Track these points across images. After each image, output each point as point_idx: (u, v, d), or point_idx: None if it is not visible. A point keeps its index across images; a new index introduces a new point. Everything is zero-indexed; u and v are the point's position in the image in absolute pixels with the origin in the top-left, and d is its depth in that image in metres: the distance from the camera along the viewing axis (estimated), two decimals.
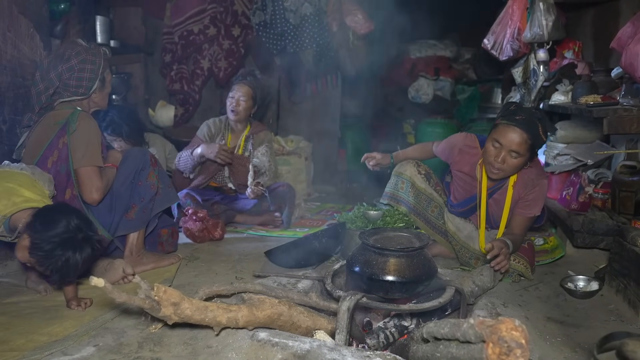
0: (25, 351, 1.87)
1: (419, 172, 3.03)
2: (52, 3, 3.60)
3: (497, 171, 2.65)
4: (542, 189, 2.75)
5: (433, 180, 3.06)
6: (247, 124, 4.08)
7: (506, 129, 2.57)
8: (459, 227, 2.93)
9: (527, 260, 2.73)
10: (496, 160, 2.61)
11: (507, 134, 2.56)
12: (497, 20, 4.04)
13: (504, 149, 2.58)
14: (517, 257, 2.72)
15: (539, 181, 2.75)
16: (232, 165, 3.95)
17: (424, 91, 7.17)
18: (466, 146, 2.91)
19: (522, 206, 2.75)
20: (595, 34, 4.19)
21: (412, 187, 3.02)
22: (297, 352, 1.69)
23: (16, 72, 3.04)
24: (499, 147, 2.60)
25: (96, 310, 2.25)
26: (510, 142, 2.56)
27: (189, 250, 3.25)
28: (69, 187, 2.60)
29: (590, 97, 3.02)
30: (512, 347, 1.30)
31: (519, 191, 2.76)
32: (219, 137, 4.00)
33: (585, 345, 2.02)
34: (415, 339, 1.87)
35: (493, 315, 2.09)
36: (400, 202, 3.06)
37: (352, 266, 2.16)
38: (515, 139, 2.55)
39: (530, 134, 2.55)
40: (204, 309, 1.76)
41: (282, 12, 5.09)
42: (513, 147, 2.56)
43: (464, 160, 2.91)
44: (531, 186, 2.73)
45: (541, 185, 2.76)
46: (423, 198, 3.02)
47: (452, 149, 2.97)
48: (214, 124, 4.05)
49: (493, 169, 2.66)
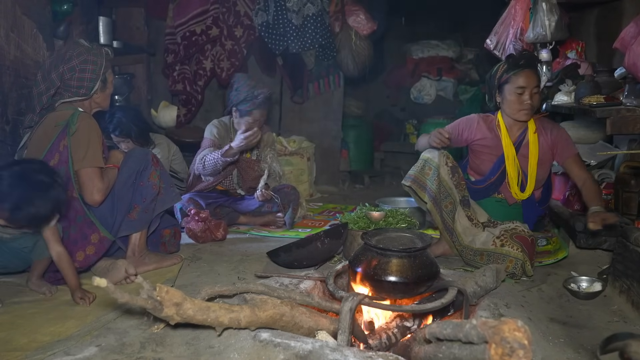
0: (28, 351, 1.87)
1: (446, 163, 2.98)
2: (55, 4, 3.61)
3: (528, 110, 2.93)
4: (563, 130, 3.07)
5: (457, 176, 2.99)
6: None
7: (521, 75, 2.89)
8: (465, 231, 2.92)
9: (527, 254, 2.71)
10: (526, 101, 2.90)
11: (525, 78, 2.89)
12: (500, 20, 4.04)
13: (527, 90, 2.89)
14: (515, 244, 2.72)
15: (555, 124, 3.14)
16: (241, 169, 3.95)
17: (427, 91, 7.17)
18: (483, 115, 3.14)
19: (561, 148, 2.97)
20: (598, 34, 4.18)
21: (437, 176, 2.97)
22: (299, 353, 1.69)
23: (19, 73, 3.05)
24: (521, 92, 2.90)
25: (99, 310, 2.25)
26: (531, 82, 2.90)
27: (192, 250, 3.25)
28: (69, 188, 2.60)
29: (593, 98, 3.01)
30: (514, 348, 1.30)
31: (544, 137, 3.00)
32: (226, 140, 3.94)
33: (588, 346, 2.01)
34: (417, 340, 1.86)
35: (496, 316, 2.09)
36: (423, 188, 3.02)
37: (354, 267, 2.16)
38: (532, 77, 2.91)
39: (535, 69, 2.98)
40: (206, 309, 1.76)
41: (284, 13, 5.09)
42: (533, 83, 2.91)
43: (486, 127, 3.07)
44: (550, 128, 3.03)
45: (559, 127, 3.12)
46: (442, 190, 2.97)
47: (471, 122, 3.13)
48: (220, 125, 3.96)
49: (524, 110, 2.92)
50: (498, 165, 3.02)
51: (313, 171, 5.43)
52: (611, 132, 2.82)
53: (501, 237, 2.78)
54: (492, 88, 3.06)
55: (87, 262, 2.65)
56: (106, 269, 2.67)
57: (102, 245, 2.67)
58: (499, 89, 3.00)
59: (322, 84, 5.70)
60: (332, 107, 5.80)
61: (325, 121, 5.80)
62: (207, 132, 3.94)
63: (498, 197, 3.08)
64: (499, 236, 2.80)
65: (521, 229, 2.83)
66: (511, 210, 3.07)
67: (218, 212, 3.77)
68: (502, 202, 3.08)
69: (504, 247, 2.73)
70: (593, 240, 2.93)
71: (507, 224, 2.89)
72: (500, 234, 2.81)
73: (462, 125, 3.13)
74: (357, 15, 5.36)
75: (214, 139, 3.87)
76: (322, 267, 2.89)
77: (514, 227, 2.85)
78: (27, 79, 3.11)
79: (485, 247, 2.80)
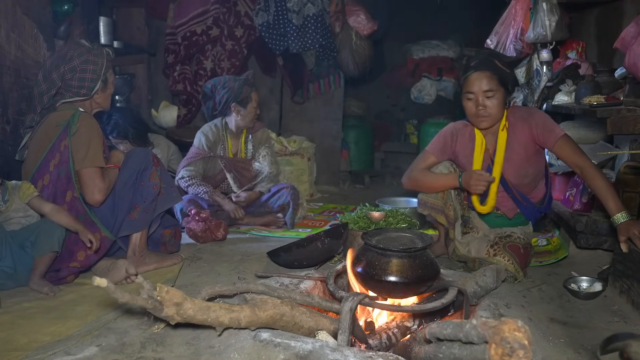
0: (28, 351, 1.87)
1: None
2: (55, 4, 3.61)
3: (483, 118, 2.71)
4: (540, 114, 2.81)
5: (461, 196, 2.95)
6: None
7: (469, 79, 2.69)
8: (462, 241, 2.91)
9: (518, 262, 2.70)
10: (477, 108, 2.69)
11: (472, 82, 2.68)
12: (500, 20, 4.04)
13: (477, 95, 2.68)
14: (507, 255, 2.70)
15: (531, 111, 2.88)
16: (236, 172, 3.97)
17: (427, 91, 7.17)
18: (456, 128, 2.95)
19: (543, 133, 2.71)
20: (598, 34, 4.18)
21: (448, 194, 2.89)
22: (299, 353, 1.69)
23: (20, 73, 3.05)
24: (473, 97, 2.70)
25: (99, 310, 2.25)
26: (479, 85, 2.67)
27: (192, 250, 3.25)
28: (70, 189, 2.60)
29: (593, 98, 3.01)
30: (514, 348, 1.30)
31: (520, 127, 2.76)
32: (219, 145, 3.96)
33: (589, 347, 2.01)
34: (417, 340, 1.86)
35: (496, 316, 2.09)
36: (439, 211, 2.90)
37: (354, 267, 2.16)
38: (481, 80, 2.66)
39: (490, 70, 2.67)
40: (207, 309, 1.76)
41: (285, 13, 5.09)
42: (483, 87, 2.66)
43: (464, 140, 2.91)
44: (525, 116, 2.78)
45: (536, 111, 2.86)
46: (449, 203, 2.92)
47: (445, 137, 2.96)
48: (211, 131, 3.96)
49: (479, 117, 2.72)
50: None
51: (313, 171, 5.44)
52: (612, 132, 2.82)
53: (495, 245, 2.76)
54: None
55: (88, 262, 2.65)
56: (107, 268, 2.67)
57: (102, 245, 2.67)
58: (462, 93, 2.80)
59: (323, 84, 5.70)
60: (333, 107, 5.81)
61: (325, 121, 5.81)
62: (197, 140, 3.96)
63: (497, 213, 2.96)
64: (492, 245, 2.77)
65: (516, 237, 2.79)
66: (513, 222, 2.96)
67: (219, 214, 3.77)
68: (502, 217, 2.97)
69: (496, 256, 2.72)
70: (593, 240, 2.93)
71: (504, 230, 2.87)
72: (494, 242, 2.78)
73: (437, 140, 2.98)
74: (357, 15, 5.36)
75: (201, 150, 3.90)
76: (322, 267, 2.89)
77: (509, 234, 2.81)
78: (28, 79, 3.11)
79: (479, 255, 2.80)
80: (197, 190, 3.77)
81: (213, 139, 3.95)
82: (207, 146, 3.91)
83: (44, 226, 2.50)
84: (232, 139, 4.03)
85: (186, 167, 3.84)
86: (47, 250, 2.46)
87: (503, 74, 2.69)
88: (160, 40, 5.34)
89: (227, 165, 3.95)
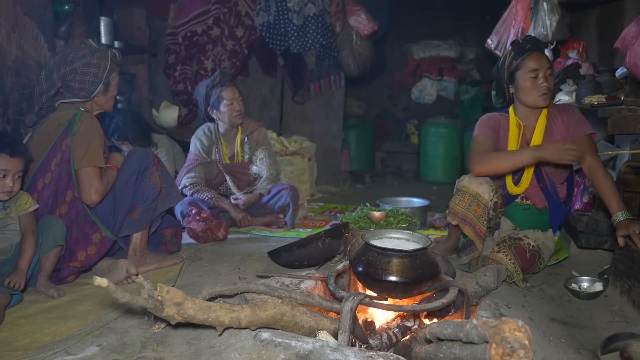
0: (29, 350, 1.87)
1: (491, 198, 2.78)
2: (56, 4, 3.61)
3: (546, 93, 2.78)
4: (578, 110, 2.90)
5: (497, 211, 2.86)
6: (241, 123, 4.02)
7: (532, 58, 2.78)
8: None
9: (520, 264, 2.66)
10: (542, 84, 2.77)
11: (536, 60, 2.78)
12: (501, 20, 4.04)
13: (540, 72, 2.76)
14: (510, 255, 2.66)
15: (571, 106, 2.96)
16: (234, 176, 3.96)
17: (428, 91, 7.18)
18: (491, 115, 2.97)
19: (574, 127, 2.80)
20: (599, 34, 4.18)
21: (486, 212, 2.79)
22: (299, 353, 1.69)
23: (20, 73, 3.05)
24: (535, 75, 2.77)
25: (100, 310, 2.25)
26: (543, 63, 2.78)
27: (192, 250, 3.25)
28: (70, 189, 2.60)
29: (594, 97, 3.02)
30: (515, 348, 1.30)
31: (558, 121, 2.85)
32: (213, 149, 3.95)
33: (589, 346, 2.01)
34: (418, 340, 1.87)
35: (496, 316, 2.09)
36: (470, 225, 2.78)
37: (355, 266, 2.16)
38: (543, 59, 2.80)
39: (543, 51, 2.85)
40: (207, 309, 1.76)
41: (285, 13, 5.09)
42: (546, 64, 2.79)
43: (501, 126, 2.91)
44: (564, 110, 2.88)
45: (575, 108, 2.93)
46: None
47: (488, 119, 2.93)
48: (204, 135, 3.95)
49: (542, 94, 2.78)
50: None
51: (314, 171, 5.44)
52: (612, 131, 2.82)
53: (501, 244, 2.74)
54: (502, 81, 2.91)
55: (88, 262, 2.65)
56: (107, 268, 2.67)
57: (103, 245, 2.67)
58: (510, 78, 2.86)
59: (323, 84, 5.70)
60: (333, 107, 5.81)
61: (326, 121, 5.81)
62: (192, 145, 3.96)
63: (525, 204, 2.92)
64: (498, 243, 2.75)
65: (527, 242, 2.74)
66: (540, 217, 2.92)
67: (220, 216, 3.77)
68: (530, 208, 2.92)
69: (498, 253, 2.69)
70: (594, 240, 2.93)
71: (518, 232, 2.84)
72: (502, 240, 2.77)
73: (493, 123, 2.91)
74: (358, 15, 5.37)
75: (198, 155, 3.90)
76: (322, 267, 2.89)
77: (521, 237, 2.77)
78: (29, 79, 3.11)
79: (483, 253, 2.78)
80: (202, 197, 3.78)
81: (207, 143, 3.94)
82: (203, 150, 3.91)
83: (44, 224, 2.49)
84: (225, 141, 4.00)
85: (187, 175, 3.84)
86: (52, 246, 2.46)
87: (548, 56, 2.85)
88: (161, 40, 5.34)
89: (224, 169, 3.95)
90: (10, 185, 2.36)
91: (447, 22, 7.25)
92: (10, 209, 2.44)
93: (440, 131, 6.47)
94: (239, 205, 3.87)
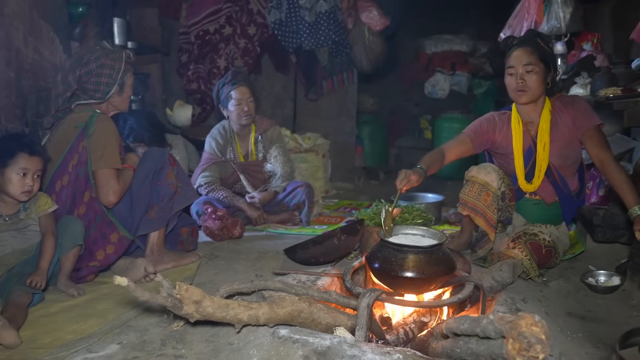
0: (52, 349, 1.91)
1: (499, 187, 2.80)
2: (70, 6, 3.65)
3: (522, 92, 2.73)
4: (584, 101, 2.83)
5: (507, 200, 2.87)
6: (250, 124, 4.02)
7: (511, 55, 2.74)
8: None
9: (536, 259, 2.64)
10: (517, 82, 2.72)
11: (513, 57, 2.73)
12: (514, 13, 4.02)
13: (517, 69, 2.71)
14: (526, 250, 2.64)
15: (577, 98, 2.92)
16: (248, 175, 3.98)
17: (441, 86, 7.14)
18: (493, 115, 2.97)
19: (580, 118, 2.73)
20: (614, 25, 4.13)
21: (495, 201, 2.80)
22: (317, 349, 1.70)
23: (37, 76, 3.09)
24: (513, 71, 2.73)
25: (119, 309, 2.29)
26: (519, 59, 2.71)
27: (209, 248, 3.28)
28: (87, 189, 2.64)
29: (609, 90, 2.98)
30: (532, 343, 1.30)
31: (564, 113, 2.77)
32: (228, 149, 3.97)
33: (607, 341, 2.00)
34: (435, 335, 1.87)
35: (513, 311, 2.09)
36: (482, 215, 2.79)
37: (371, 263, 2.17)
38: (521, 55, 2.71)
39: (531, 47, 2.71)
40: (225, 306, 1.78)
41: (297, 10, 5.10)
42: (523, 61, 2.70)
43: (502, 126, 2.90)
44: (570, 102, 2.81)
45: (581, 99, 2.88)
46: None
47: (481, 122, 2.95)
48: (219, 134, 3.96)
49: (517, 91, 2.74)
50: (527, 159, 2.85)
51: (328, 168, 5.44)
52: (629, 124, 2.80)
53: (516, 239, 2.70)
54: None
55: (107, 261, 2.69)
56: (125, 267, 2.70)
57: (121, 245, 2.71)
58: (504, 74, 2.83)
59: (336, 81, 5.70)
60: (346, 103, 5.81)
61: (339, 118, 5.81)
62: (207, 145, 3.97)
63: (535, 199, 2.88)
64: (514, 239, 2.72)
65: (542, 237, 2.72)
66: (550, 211, 2.88)
67: (236, 214, 3.79)
68: (540, 203, 2.88)
69: (514, 249, 2.66)
70: (611, 234, 2.90)
71: (532, 227, 2.82)
72: (517, 236, 2.74)
73: (484, 125, 2.93)
74: (369, 11, 5.35)
75: (213, 155, 3.92)
76: (338, 264, 2.90)
77: (536, 232, 2.75)
78: (45, 82, 3.15)
79: (498, 249, 2.75)
80: (217, 196, 3.79)
81: (222, 142, 3.95)
82: (218, 149, 3.93)
83: (63, 224, 2.53)
84: (240, 140, 4.01)
85: (202, 174, 3.85)
86: (71, 246, 2.50)
87: (543, 51, 2.72)
88: (173, 40, 5.37)
89: (239, 168, 3.97)
90: (30, 184, 2.39)
91: (459, 16, 7.20)
92: (31, 210, 2.48)
93: (453, 126, 6.43)
94: (254, 203, 3.88)
